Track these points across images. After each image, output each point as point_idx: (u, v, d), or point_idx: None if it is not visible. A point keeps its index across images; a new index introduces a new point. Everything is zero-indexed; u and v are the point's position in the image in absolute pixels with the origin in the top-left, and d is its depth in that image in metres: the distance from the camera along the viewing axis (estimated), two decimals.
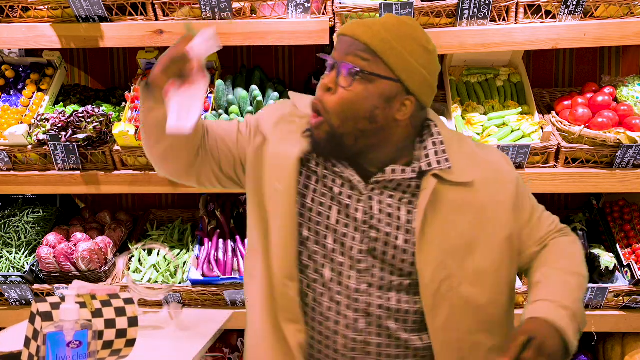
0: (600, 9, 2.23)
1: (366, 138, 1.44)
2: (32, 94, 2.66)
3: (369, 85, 1.39)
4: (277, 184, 1.50)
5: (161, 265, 2.60)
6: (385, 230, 1.48)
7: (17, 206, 2.89)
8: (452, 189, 1.48)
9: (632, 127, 2.31)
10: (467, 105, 2.54)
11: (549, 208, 1.65)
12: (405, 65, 1.39)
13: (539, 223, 1.60)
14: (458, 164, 1.49)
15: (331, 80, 1.42)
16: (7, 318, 2.58)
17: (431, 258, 1.46)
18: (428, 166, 1.47)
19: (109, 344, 1.57)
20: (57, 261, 2.52)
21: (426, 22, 2.25)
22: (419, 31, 1.44)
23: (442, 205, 1.47)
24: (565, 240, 1.62)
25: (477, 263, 1.49)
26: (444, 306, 1.48)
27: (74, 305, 1.40)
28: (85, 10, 2.29)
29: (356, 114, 1.41)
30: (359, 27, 1.41)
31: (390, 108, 1.42)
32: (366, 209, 1.48)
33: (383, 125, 1.43)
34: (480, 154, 1.56)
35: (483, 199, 1.50)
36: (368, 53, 1.39)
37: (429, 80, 1.45)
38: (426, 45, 1.43)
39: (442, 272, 1.47)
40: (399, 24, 1.41)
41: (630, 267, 2.47)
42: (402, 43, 1.39)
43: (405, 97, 1.42)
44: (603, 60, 2.81)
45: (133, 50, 2.78)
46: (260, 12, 2.31)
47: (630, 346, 2.59)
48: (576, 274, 1.55)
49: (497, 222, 1.51)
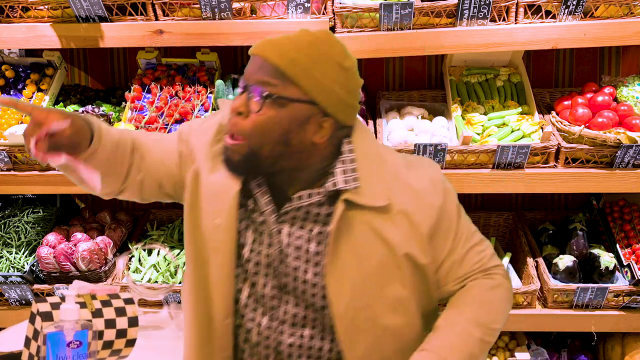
0: (600, 9, 2.23)
1: (284, 161, 1.37)
2: (32, 94, 2.66)
3: (280, 109, 1.31)
4: (217, 219, 1.44)
5: (161, 265, 2.60)
6: (294, 265, 1.43)
7: (17, 206, 2.89)
8: (365, 214, 1.39)
9: (632, 127, 2.31)
10: (467, 105, 2.54)
11: (549, 208, 1.64)
12: (318, 86, 1.31)
13: (462, 259, 1.49)
14: (372, 186, 1.40)
15: (242, 104, 1.33)
16: (7, 318, 2.58)
17: (345, 289, 1.40)
18: (334, 186, 1.38)
19: (109, 344, 1.56)
20: (57, 261, 2.52)
21: (426, 22, 2.25)
22: (335, 48, 1.36)
23: (354, 232, 1.40)
24: (487, 284, 1.50)
25: (395, 290, 1.43)
26: (362, 337, 1.43)
27: (74, 305, 1.40)
28: (85, 10, 2.29)
29: (270, 139, 1.33)
30: (268, 47, 1.32)
31: (305, 131, 1.34)
32: (275, 243, 1.44)
33: (300, 149, 1.36)
34: (405, 177, 1.45)
35: (398, 224, 1.41)
36: (278, 75, 1.30)
37: (347, 99, 1.36)
38: (342, 62, 1.35)
39: (358, 301, 1.41)
40: (311, 42, 1.33)
41: (630, 267, 2.46)
42: (314, 63, 1.31)
43: (322, 119, 1.34)
44: (603, 60, 2.81)
45: (133, 50, 2.78)
46: (260, 12, 2.31)
47: (630, 346, 2.59)
48: (482, 325, 1.44)
49: (411, 249, 1.42)
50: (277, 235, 1.44)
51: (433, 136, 2.42)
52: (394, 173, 1.45)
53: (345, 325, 1.42)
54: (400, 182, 1.44)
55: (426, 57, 2.82)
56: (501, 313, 1.51)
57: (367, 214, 1.40)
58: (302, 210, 1.42)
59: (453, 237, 1.49)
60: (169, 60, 2.71)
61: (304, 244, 1.43)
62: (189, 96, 2.55)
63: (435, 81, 2.85)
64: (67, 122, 1.31)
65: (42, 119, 1.29)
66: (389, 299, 1.43)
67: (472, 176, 2.34)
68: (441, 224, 1.46)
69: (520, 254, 2.65)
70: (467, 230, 1.52)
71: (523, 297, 2.47)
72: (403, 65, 2.84)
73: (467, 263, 1.50)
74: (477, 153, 2.32)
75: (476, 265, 1.51)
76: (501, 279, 1.53)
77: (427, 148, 2.29)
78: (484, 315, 1.46)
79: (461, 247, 1.49)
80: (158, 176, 1.55)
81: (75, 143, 1.37)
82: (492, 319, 1.47)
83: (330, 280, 1.41)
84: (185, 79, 2.63)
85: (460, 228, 1.50)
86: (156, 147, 1.56)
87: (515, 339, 2.73)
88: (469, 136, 2.34)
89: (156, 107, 2.51)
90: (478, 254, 1.52)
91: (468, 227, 1.53)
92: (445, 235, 1.47)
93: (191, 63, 2.69)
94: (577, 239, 2.56)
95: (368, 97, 2.68)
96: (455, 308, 1.48)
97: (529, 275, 2.51)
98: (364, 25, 2.26)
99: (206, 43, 2.31)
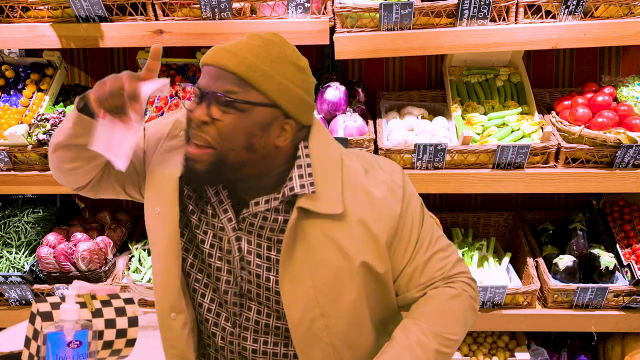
0: (600, 9, 2.23)
1: (247, 168, 1.36)
2: (32, 94, 2.66)
3: (242, 114, 1.30)
4: (157, 207, 1.43)
5: None
6: (256, 272, 1.42)
7: (17, 206, 2.89)
8: (320, 221, 1.37)
9: (632, 127, 2.31)
10: (467, 105, 2.54)
11: (549, 208, 1.63)
12: (279, 88, 1.31)
13: (424, 266, 1.47)
14: (328, 192, 1.37)
15: (203, 113, 1.31)
16: (7, 318, 2.58)
17: (299, 297, 1.39)
18: (290, 191, 1.36)
19: (109, 344, 1.56)
20: (57, 261, 2.52)
21: (426, 22, 2.25)
22: (288, 48, 1.35)
23: (309, 239, 1.38)
24: (447, 293, 1.47)
25: (350, 298, 1.41)
26: (317, 346, 1.42)
27: (74, 305, 1.40)
28: (85, 10, 2.29)
29: (234, 145, 1.32)
30: (224, 56, 1.30)
31: (268, 135, 1.33)
32: (235, 250, 1.42)
33: (264, 154, 1.35)
34: (364, 184, 1.42)
35: (353, 231, 1.39)
36: (237, 83, 1.29)
37: (306, 98, 1.36)
38: (297, 62, 1.35)
39: (313, 310, 1.40)
40: (265, 45, 1.32)
41: (630, 267, 2.46)
42: (272, 65, 1.30)
43: (284, 121, 1.34)
44: (603, 60, 2.81)
45: (133, 50, 2.78)
46: (260, 12, 2.31)
47: (630, 346, 2.59)
48: (439, 335, 1.42)
49: (369, 258, 1.40)
50: (237, 243, 1.42)
51: (433, 136, 2.42)
52: (352, 180, 1.42)
53: (301, 333, 1.41)
54: (358, 189, 1.41)
55: (426, 57, 2.82)
56: (460, 323, 1.47)
57: (322, 222, 1.38)
58: (260, 217, 1.40)
59: (414, 243, 1.46)
60: (169, 60, 2.71)
61: (264, 251, 1.42)
62: (189, 96, 2.55)
63: (435, 81, 2.85)
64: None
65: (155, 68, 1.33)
66: (345, 308, 1.41)
67: (472, 176, 2.34)
68: (402, 231, 1.44)
69: (520, 254, 2.65)
70: (430, 236, 1.49)
71: (523, 297, 2.47)
72: (403, 65, 2.84)
73: (429, 270, 1.47)
74: (477, 153, 2.32)
75: (439, 272, 1.48)
76: (464, 287, 1.50)
77: (427, 148, 2.29)
78: (441, 326, 1.43)
79: (422, 253, 1.47)
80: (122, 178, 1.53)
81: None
82: (450, 330, 1.44)
83: (284, 289, 1.39)
84: (185, 79, 2.63)
85: (422, 234, 1.48)
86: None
87: (515, 339, 2.73)
88: (469, 136, 2.34)
89: (156, 107, 2.51)
90: (441, 261, 1.49)
91: (432, 233, 1.50)
92: (406, 243, 1.45)
93: (191, 63, 2.69)
94: (577, 239, 2.56)
95: (368, 97, 2.67)
96: (413, 318, 1.46)
97: (529, 275, 2.51)
98: (364, 25, 2.26)
99: (206, 43, 2.31)
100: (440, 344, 1.41)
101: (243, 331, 1.46)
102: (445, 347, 1.42)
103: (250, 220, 1.41)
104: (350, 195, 1.40)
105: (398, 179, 1.47)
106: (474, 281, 1.55)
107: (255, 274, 1.42)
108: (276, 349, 1.46)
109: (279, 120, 1.33)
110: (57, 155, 1.47)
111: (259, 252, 1.42)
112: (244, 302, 1.46)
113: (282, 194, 1.38)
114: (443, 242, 1.52)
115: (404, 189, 1.46)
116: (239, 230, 1.42)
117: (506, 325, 2.53)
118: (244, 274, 1.43)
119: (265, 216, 1.40)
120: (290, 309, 1.40)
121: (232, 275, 1.44)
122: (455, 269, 1.50)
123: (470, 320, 1.50)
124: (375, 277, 1.43)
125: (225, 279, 1.45)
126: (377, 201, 1.42)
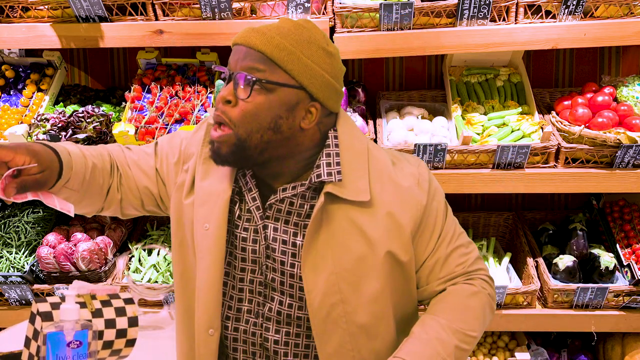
0: (600, 9, 2.23)
1: (272, 150, 1.37)
2: (32, 94, 2.66)
3: (269, 94, 1.32)
4: (206, 224, 1.44)
5: (161, 265, 2.60)
6: (280, 259, 1.43)
7: (17, 206, 2.89)
8: (346, 207, 1.39)
9: (632, 127, 2.31)
10: (467, 105, 2.54)
11: (549, 208, 1.64)
12: (305, 69, 1.32)
13: (445, 259, 1.49)
14: (356, 180, 1.39)
15: (229, 93, 1.33)
16: (7, 318, 2.58)
17: (321, 281, 1.39)
18: (317, 177, 1.38)
19: (109, 344, 1.56)
20: (57, 261, 2.52)
21: (426, 22, 2.25)
22: (318, 33, 1.37)
23: (334, 225, 1.39)
24: (467, 290, 1.49)
25: (372, 287, 1.42)
26: (335, 333, 1.42)
27: (74, 305, 1.40)
28: (85, 10, 2.29)
29: (259, 126, 1.33)
30: (252, 35, 1.33)
31: (294, 117, 1.35)
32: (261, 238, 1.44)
33: (289, 136, 1.36)
34: (391, 174, 1.45)
35: (379, 220, 1.41)
36: (264, 61, 1.31)
37: (333, 83, 1.37)
38: (326, 47, 1.36)
39: (334, 296, 1.40)
40: (295, 28, 1.34)
41: (630, 267, 2.46)
42: (299, 47, 1.32)
43: (310, 104, 1.35)
44: (603, 60, 2.81)
45: (133, 50, 2.79)
46: (260, 12, 2.31)
47: (630, 346, 2.59)
48: (458, 332, 1.43)
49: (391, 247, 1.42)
50: (264, 231, 1.44)
51: (433, 136, 2.42)
52: (380, 169, 1.44)
53: (320, 319, 1.41)
54: (385, 179, 1.44)
55: (426, 57, 2.82)
56: (479, 320, 1.48)
57: (349, 209, 1.40)
58: (287, 202, 1.42)
59: (437, 236, 1.49)
60: (169, 60, 2.71)
61: (290, 237, 1.43)
62: (189, 96, 2.55)
63: (435, 81, 2.85)
64: (33, 161, 1.27)
65: (7, 159, 1.25)
66: (366, 297, 1.42)
67: (472, 176, 2.34)
68: (426, 222, 1.47)
69: (520, 254, 2.65)
70: (453, 232, 1.52)
71: (523, 297, 2.47)
72: (403, 65, 2.84)
73: (449, 264, 1.50)
74: (477, 153, 2.32)
75: (459, 267, 1.50)
76: (483, 284, 1.52)
77: (427, 148, 2.29)
78: (460, 322, 1.44)
79: (445, 247, 1.49)
80: (138, 194, 1.55)
81: (43, 181, 1.31)
82: (469, 327, 1.45)
83: (306, 273, 1.40)
84: (185, 79, 2.63)
85: (445, 228, 1.50)
86: (134, 168, 1.56)
87: (515, 339, 2.73)
88: (469, 136, 2.34)
89: (156, 107, 2.51)
90: (462, 256, 1.51)
91: (454, 229, 1.53)
92: (430, 235, 1.48)
93: (191, 63, 2.69)
94: (577, 239, 2.57)
95: (368, 97, 2.68)
96: (432, 314, 1.47)
97: (529, 275, 2.51)
98: (364, 25, 2.26)
99: (206, 43, 2.31)
100: (460, 340, 1.43)
101: (265, 321, 1.47)
102: (465, 343, 1.44)
103: (277, 207, 1.43)
104: (377, 184, 1.43)
105: (424, 172, 1.51)
106: (492, 280, 1.58)
107: (280, 260, 1.43)
108: (298, 339, 1.47)
109: (304, 103, 1.35)
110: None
111: (284, 238, 1.43)
112: (267, 292, 1.46)
113: (309, 180, 1.40)
114: (464, 238, 1.55)
115: (429, 182, 1.50)
116: (266, 219, 1.44)
117: (506, 325, 2.53)
118: (269, 262, 1.44)
119: (292, 201, 1.42)
120: (311, 294, 1.40)
121: (256, 264, 1.46)
122: (474, 266, 1.53)
123: (488, 318, 1.52)
124: (399, 267, 1.45)
125: (251, 269, 1.46)
126: (404, 191, 1.44)
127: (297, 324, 1.46)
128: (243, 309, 1.48)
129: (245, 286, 1.48)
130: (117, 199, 1.54)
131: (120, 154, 1.57)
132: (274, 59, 1.31)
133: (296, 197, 1.42)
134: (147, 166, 1.56)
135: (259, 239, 1.44)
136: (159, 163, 1.56)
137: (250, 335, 1.48)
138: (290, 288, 1.44)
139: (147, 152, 1.58)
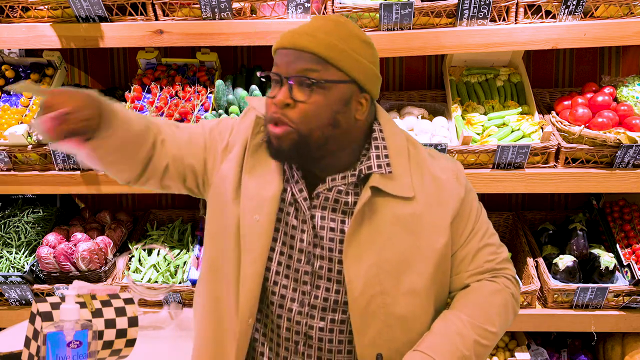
0: (600, 9, 2.23)
1: (331, 143, 1.41)
2: (32, 94, 2.66)
3: (326, 92, 1.37)
4: (256, 215, 1.47)
5: (161, 265, 2.60)
6: (328, 246, 1.45)
7: (17, 206, 2.89)
8: (391, 201, 1.44)
9: (632, 127, 2.31)
10: (467, 105, 2.54)
11: (549, 208, 1.64)
12: (355, 64, 1.38)
13: (476, 253, 1.53)
14: (401, 175, 1.45)
15: (286, 96, 1.37)
16: (7, 318, 2.58)
17: (362, 272, 1.42)
18: (368, 169, 1.43)
19: (109, 344, 1.56)
20: (57, 261, 2.52)
21: (426, 22, 2.25)
22: (355, 28, 1.42)
23: (378, 218, 1.43)
24: (490, 287, 1.53)
25: (412, 280, 1.45)
26: (373, 323, 1.44)
27: (74, 305, 1.40)
28: (85, 10, 2.29)
29: (320, 123, 1.38)
30: (300, 38, 1.37)
31: (350, 110, 1.41)
32: (309, 228, 1.46)
33: (347, 128, 1.42)
34: (429, 167, 1.50)
35: (422, 214, 1.45)
36: (317, 62, 1.36)
37: (376, 72, 1.45)
38: (365, 39, 1.42)
39: (374, 287, 1.43)
40: (335, 25, 1.39)
41: (630, 267, 2.46)
42: (346, 43, 1.38)
43: (361, 95, 1.42)
44: (603, 60, 2.81)
45: (133, 50, 2.78)
46: (260, 12, 2.31)
47: (630, 346, 2.59)
48: (478, 327, 1.46)
49: (433, 241, 1.46)
50: (311, 221, 1.46)
51: (433, 136, 2.42)
52: (419, 162, 1.49)
53: (359, 308, 1.44)
54: (425, 172, 1.49)
55: (426, 57, 2.82)
56: (501, 317, 1.51)
57: (393, 202, 1.44)
58: (335, 191, 1.45)
59: (470, 230, 1.53)
60: (169, 60, 2.71)
61: (338, 224, 1.46)
62: (189, 96, 2.55)
63: (435, 81, 2.85)
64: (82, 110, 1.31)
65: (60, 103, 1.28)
66: (405, 290, 1.45)
67: (472, 176, 2.34)
68: (462, 214, 1.51)
69: (520, 254, 2.65)
70: (485, 229, 1.56)
71: (523, 297, 2.47)
72: (403, 65, 2.84)
73: (478, 259, 1.53)
74: (477, 153, 2.32)
75: (488, 263, 1.54)
76: (506, 283, 1.56)
77: None
78: (480, 317, 1.47)
79: (477, 241, 1.53)
80: (182, 170, 1.56)
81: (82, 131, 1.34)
82: (490, 322, 1.48)
83: (347, 262, 1.43)
84: (185, 79, 2.63)
85: (478, 224, 1.55)
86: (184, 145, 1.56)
87: (515, 339, 2.73)
88: (469, 136, 2.34)
89: (156, 107, 2.51)
90: (491, 254, 1.55)
91: (487, 227, 1.58)
92: (464, 226, 1.52)
93: (191, 63, 2.69)
94: (577, 239, 2.56)
95: None
96: (453, 309, 1.50)
97: (529, 275, 2.51)
98: (364, 25, 2.26)
99: (206, 43, 2.31)
100: (480, 335, 1.45)
101: (311, 309, 1.48)
102: (484, 339, 1.46)
103: (325, 195, 1.46)
104: (418, 177, 1.47)
105: (460, 167, 1.57)
106: (518, 282, 1.61)
107: (328, 247, 1.46)
108: (342, 326, 1.48)
109: (356, 95, 1.41)
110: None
111: (332, 225, 1.46)
112: (313, 280, 1.48)
113: (358, 171, 1.44)
114: (496, 239, 1.59)
115: (465, 179, 1.56)
116: (314, 208, 1.46)
117: None
118: (316, 250, 1.46)
119: (340, 189, 1.45)
120: (352, 284, 1.43)
121: (303, 253, 1.48)
122: (502, 264, 1.57)
123: (510, 316, 1.55)
124: (439, 260, 1.47)
125: (297, 258, 1.48)
126: (443, 183, 1.49)
127: (343, 310, 1.48)
128: (287, 296, 1.50)
129: (291, 274, 1.49)
130: (159, 171, 1.54)
131: (169, 128, 1.58)
132: (327, 59, 1.35)
133: (345, 187, 1.46)
134: (196, 147, 1.57)
135: (307, 228, 1.47)
136: (208, 145, 1.57)
137: (294, 324, 1.49)
138: (338, 274, 1.46)
139: (197, 132, 1.60)
